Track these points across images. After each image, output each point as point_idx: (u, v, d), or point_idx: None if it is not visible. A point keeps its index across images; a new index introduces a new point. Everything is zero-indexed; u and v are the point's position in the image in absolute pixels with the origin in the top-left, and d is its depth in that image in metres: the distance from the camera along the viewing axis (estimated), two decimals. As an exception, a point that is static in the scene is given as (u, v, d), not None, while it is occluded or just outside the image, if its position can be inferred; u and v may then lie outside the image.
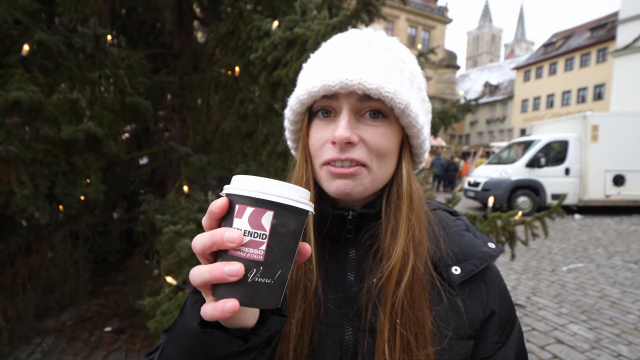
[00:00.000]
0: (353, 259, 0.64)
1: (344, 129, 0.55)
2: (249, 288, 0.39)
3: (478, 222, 2.77)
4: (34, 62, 2.41)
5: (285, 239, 0.40)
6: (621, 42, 20.27)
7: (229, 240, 0.38)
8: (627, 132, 10.18)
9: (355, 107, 0.58)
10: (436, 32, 32.69)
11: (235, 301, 0.38)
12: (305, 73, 0.64)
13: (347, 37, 0.63)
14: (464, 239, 0.66)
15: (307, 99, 0.59)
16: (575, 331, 3.52)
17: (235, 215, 0.39)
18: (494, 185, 10.51)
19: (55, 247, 3.15)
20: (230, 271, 0.37)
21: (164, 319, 1.93)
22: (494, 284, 0.65)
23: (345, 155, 0.56)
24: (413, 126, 0.60)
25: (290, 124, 0.66)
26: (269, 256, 0.39)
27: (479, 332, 0.62)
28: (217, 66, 3.61)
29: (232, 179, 0.41)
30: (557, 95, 34.76)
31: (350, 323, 0.60)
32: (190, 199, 2.95)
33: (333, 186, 0.59)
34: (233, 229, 0.39)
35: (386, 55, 0.59)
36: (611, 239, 7.56)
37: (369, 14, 2.05)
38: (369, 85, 0.54)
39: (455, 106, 3.34)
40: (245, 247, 0.39)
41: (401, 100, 0.56)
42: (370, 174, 0.59)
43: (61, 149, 2.34)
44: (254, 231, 0.39)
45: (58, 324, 3.42)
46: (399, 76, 0.59)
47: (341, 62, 0.57)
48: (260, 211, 0.39)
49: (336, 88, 0.55)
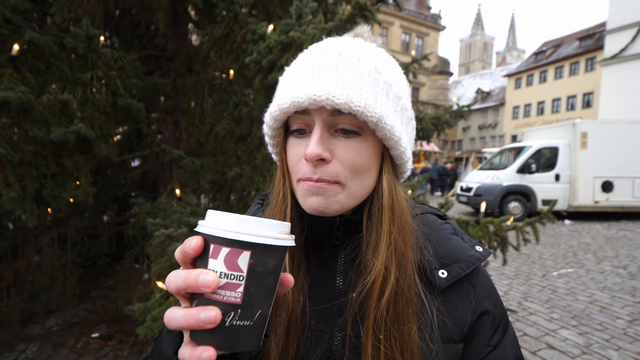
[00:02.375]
0: (342, 264, 0.63)
1: (315, 145, 0.53)
2: (227, 332, 0.37)
3: (471, 228, 2.78)
4: (24, 62, 2.37)
5: (264, 279, 0.38)
6: (609, 52, 20.70)
7: (204, 285, 0.36)
8: (615, 140, 10.38)
9: (327, 122, 0.55)
10: (429, 39, 33.06)
11: (212, 351, 0.37)
12: (279, 87, 0.63)
13: (318, 49, 0.60)
14: (451, 243, 0.65)
15: (280, 115, 0.57)
16: (565, 336, 3.55)
17: (210, 256, 0.37)
18: (486, 191, 10.61)
19: (43, 251, 3.09)
20: (206, 318, 0.36)
21: (154, 325, 1.89)
22: (483, 286, 0.65)
23: (317, 174, 0.55)
24: (390, 138, 0.57)
25: (268, 138, 0.65)
26: (247, 298, 0.37)
27: (468, 335, 0.61)
28: (211, 69, 3.60)
29: (207, 213, 0.39)
30: (548, 102, 35.32)
31: (339, 331, 0.59)
32: (182, 203, 2.92)
33: (307, 203, 0.57)
34: (208, 272, 0.37)
35: (358, 67, 0.56)
36: (600, 245, 7.67)
37: (365, 19, 2.05)
38: (337, 100, 0.52)
39: (448, 112, 3.36)
40: (222, 290, 0.37)
41: (373, 114, 0.54)
42: (344, 190, 0.57)
43: (51, 150, 2.30)
44: (231, 273, 0.37)
45: (44, 330, 3.34)
46: (372, 88, 0.55)
47: (310, 77, 0.55)
48: (236, 252, 0.37)
49: (305, 104, 0.53)
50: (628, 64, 19.90)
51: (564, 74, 33.75)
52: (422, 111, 11.24)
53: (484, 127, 43.79)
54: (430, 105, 29.98)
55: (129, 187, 4.26)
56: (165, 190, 3.14)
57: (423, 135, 3.32)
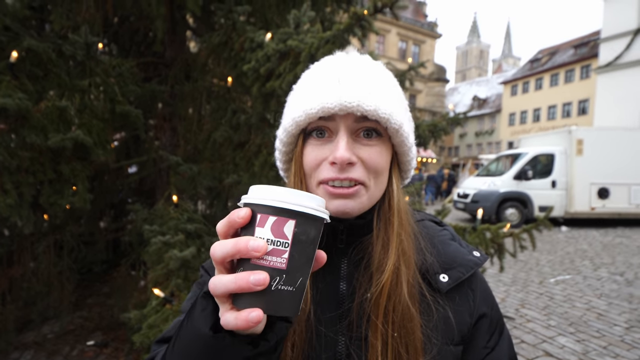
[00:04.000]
0: (345, 269, 0.64)
1: (344, 150, 0.56)
2: (272, 296, 0.39)
3: (468, 234, 2.79)
4: (23, 69, 2.37)
5: (306, 247, 0.41)
6: (603, 60, 20.94)
7: (254, 250, 0.38)
8: (610, 147, 10.46)
9: (351, 128, 0.59)
10: (426, 47, 33.33)
11: (259, 311, 0.38)
12: (298, 94, 0.65)
13: (338, 60, 0.64)
14: (450, 248, 0.68)
15: (304, 120, 0.59)
16: (563, 343, 3.54)
17: (257, 225, 0.40)
18: (483, 197, 10.64)
19: (39, 257, 3.06)
20: (256, 280, 0.37)
21: (150, 333, 1.88)
22: (481, 290, 0.68)
23: (344, 175, 0.58)
24: (404, 144, 0.63)
25: (282, 145, 0.66)
26: (291, 264, 0.40)
27: (467, 338, 0.63)
28: (209, 76, 3.61)
29: (250, 188, 0.42)
30: (543, 109, 35.56)
31: (343, 335, 0.61)
32: (179, 209, 2.91)
33: (332, 206, 0.59)
34: (257, 238, 0.39)
35: (379, 78, 0.62)
36: (597, 251, 7.69)
37: (362, 29, 2.08)
38: (367, 107, 0.56)
39: (445, 119, 3.39)
40: (269, 256, 0.39)
41: (396, 121, 0.59)
42: (367, 192, 0.60)
43: (48, 157, 2.30)
44: (277, 240, 0.39)
45: (39, 337, 3.31)
46: (392, 98, 0.61)
47: (338, 84, 0.58)
48: (282, 220, 0.39)
49: (335, 110, 0.56)
50: (623, 72, 20.13)
51: (559, 82, 34.04)
52: (419, 118, 11.32)
53: (480, 134, 44.00)
54: (427, 112, 30.14)
55: (126, 193, 4.24)
56: (162, 196, 3.13)
57: (420, 142, 3.33)
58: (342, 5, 3.59)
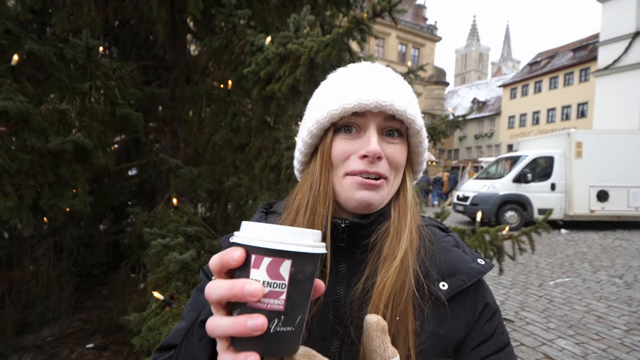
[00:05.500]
0: (343, 273, 0.64)
1: (376, 144, 0.61)
2: (270, 339, 0.38)
3: (467, 237, 2.79)
4: (24, 72, 2.39)
5: (303, 285, 0.40)
6: (602, 63, 21.03)
7: (251, 295, 0.37)
8: (610, 149, 10.48)
9: (380, 126, 0.64)
10: (426, 50, 33.44)
11: (256, 356, 0.38)
12: (329, 91, 0.67)
13: (366, 66, 0.70)
14: (453, 255, 0.66)
15: (339, 114, 0.62)
16: (562, 346, 3.54)
17: (252, 266, 0.39)
18: (483, 200, 10.65)
19: (38, 260, 3.06)
20: (254, 325, 0.37)
21: (150, 335, 1.88)
22: (483, 299, 0.66)
23: (373, 169, 0.61)
24: (421, 145, 0.69)
25: (310, 137, 0.67)
26: (289, 305, 0.39)
27: (460, 348, 0.62)
28: (209, 79, 3.63)
29: (242, 225, 0.41)
30: (543, 112, 35.64)
31: (337, 335, 0.61)
32: (179, 212, 2.92)
33: (358, 195, 0.62)
34: (253, 281, 0.38)
35: (403, 85, 0.67)
36: (596, 254, 7.69)
37: (361, 32, 2.09)
38: (398, 107, 0.61)
39: (444, 122, 3.40)
40: (265, 298, 0.38)
41: (419, 123, 0.65)
42: (388, 186, 0.65)
43: (48, 159, 2.30)
44: (274, 282, 0.38)
45: (38, 340, 3.30)
46: (414, 102, 0.67)
47: (374, 85, 0.63)
48: (278, 261, 0.38)
49: (370, 107, 0.61)
50: (621, 75, 20.20)
51: (558, 85, 34.14)
52: (418, 121, 11.21)
53: (480, 137, 44.07)
54: (426, 115, 30.20)
55: (126, 196, 4.24)
56: (162, 199, 3.14)
57: (419, 144, 3.34)
58: (341, 9, 3.61)
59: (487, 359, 0.62)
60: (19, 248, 3.01)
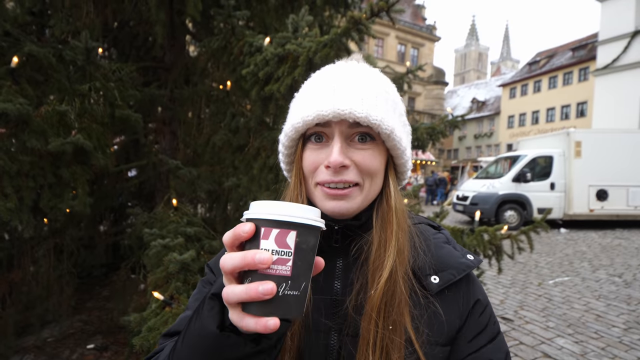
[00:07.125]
0: (340, 268, 0.67)
1: (338, 154, 0.60)
2: (280, 301, 0.43)
3: (466, 236, 2.80)
4: (23, 73, 2.39)
5: (307, 254, 0.45)
6: (601, 62, 21.05)
7: (261, 262, 0.42)
8: (609, 149, 10.50)
9: (346, 133, 0.63)
10: (425, 50, 33.44)
11: (276, 319, 0.42)
12: (298, 102, 0.69)
13: (336, 69, 0.69)
14: (443, 251, 0.70)
15: (302, 127, 0.64)
16: (561, 345, 3.55)
17: (262, 238, 0.44)
18: (482, 200, 10.67)
19: (39, 261, 3.07)
20: (265, 290, 0.41)
21: (150, 336, 1.89)
22: (474, 294, 0.69)
23: (339, 177, 0.62)
24: (397, 148, 0.67)
25: (284, 148, 0.70)
26: (295, 270, 0.44)
27: (454, 339, 0.65)
28: (208, 80, 3.63)
29: (251, 205, 0.46)
30: (542, 111, 35.64)
31: (335, 329, 0.63)
32: (179, 213, 2.93)
33: (328, 206, 0.63)
34: (262, 251, 0.43)
35: (372, 86, 0.65)
36: (596, 253, 7.70)
37: (359, 32, 2.10)
38: (359, 114, 0.60)
39: (443, 122, 3.41)
40: (274, 265, 0.43)
41: (387, 126, 0.63)
42: (362, 192, 0.64)
43: (48, 161, 2.31)
44: (281, 250, 0.43)
45: (39, 341, 3.30)
46: (384, 105, 0.64)
47: (333, 93, 0.63)
48: (285, 232, 0.44)
49: (329, 117, 0.60)
50: (620, 74, 20.22)
51: (557, 84, 34.15)
52: (418, 121, 11.27)
53: (479, 136, 44.06)
54: (426, 114, 30.20)
55: (126, 197, 4.25)
56: (162, 200, 3.15)
57: (418, 144, 3.35)
58: (339, 9, 3.62)
59: (483, 348, 0.65)
60: (19, 249, 3.01)
